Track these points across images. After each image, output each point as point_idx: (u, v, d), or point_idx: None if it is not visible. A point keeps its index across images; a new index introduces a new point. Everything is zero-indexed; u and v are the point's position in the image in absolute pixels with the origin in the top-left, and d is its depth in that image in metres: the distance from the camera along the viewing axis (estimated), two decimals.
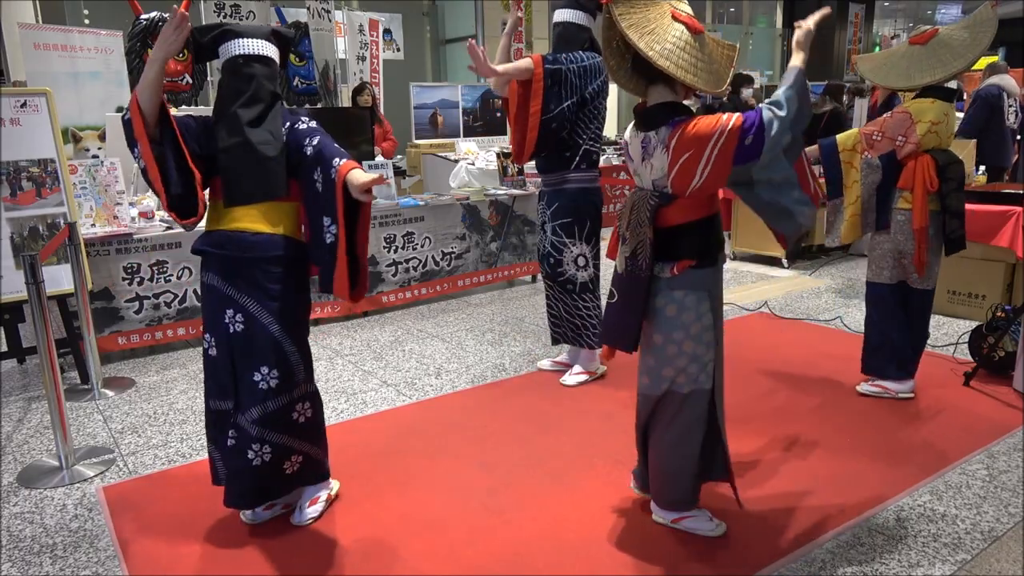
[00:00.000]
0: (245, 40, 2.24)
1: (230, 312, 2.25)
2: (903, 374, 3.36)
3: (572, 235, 3.54)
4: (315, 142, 2.27)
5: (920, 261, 3.13)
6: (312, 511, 2.47)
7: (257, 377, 2.26)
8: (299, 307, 2.36)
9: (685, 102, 2.18)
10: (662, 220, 2.13)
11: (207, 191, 2.32)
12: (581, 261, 3.57)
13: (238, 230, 2.25)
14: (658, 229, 2.14)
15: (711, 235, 2.20)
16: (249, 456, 2.29)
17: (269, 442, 2.30)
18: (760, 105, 2.05)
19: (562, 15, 3.48)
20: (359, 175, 2.15)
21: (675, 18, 2.07)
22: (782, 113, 2.00)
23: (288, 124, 2.32)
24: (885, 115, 3.13)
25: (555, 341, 3.83)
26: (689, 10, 2.13)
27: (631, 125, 2.27)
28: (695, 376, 2.21)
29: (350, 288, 2.30)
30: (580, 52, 3.40)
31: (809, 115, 2.08)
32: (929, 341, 4.14)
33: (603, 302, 3.70)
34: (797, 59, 2.10)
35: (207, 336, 2.32)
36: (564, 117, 3.35)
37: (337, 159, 2.22)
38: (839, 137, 3.20)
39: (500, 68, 3.24)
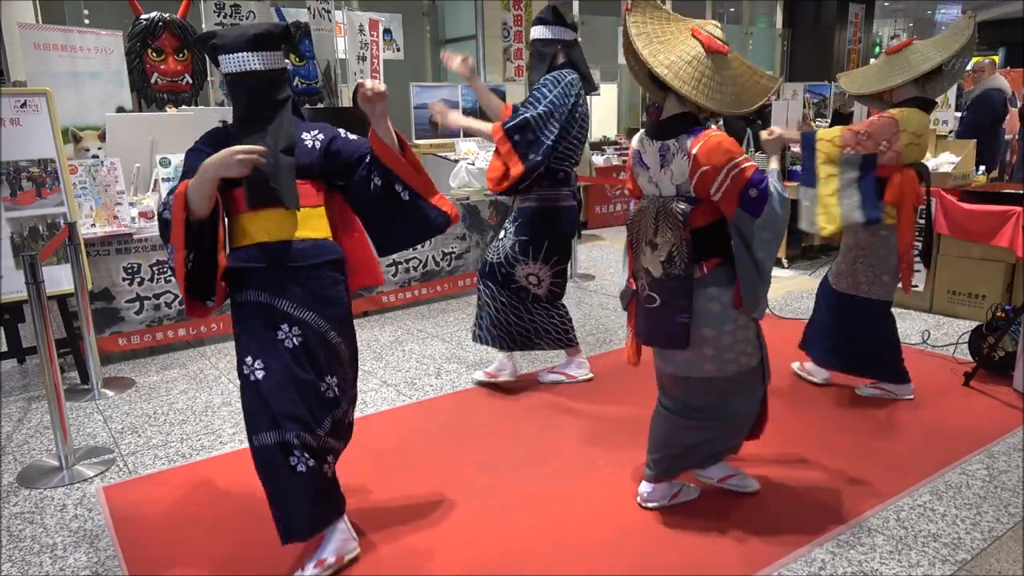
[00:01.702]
0: (228, 57, 2.08)
1: (285, 327, 2.10)
2: (904, 378, 3.37)
3: (526, 254, 3.45)
4: (359, 157, 2.23)
5: (907, 279, 3.21)
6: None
7: (323, 387, 2.15)
8: (349, 310, 2.26)
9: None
10: (691, 222, 2.23)
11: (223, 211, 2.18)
12: (533, 280, 3.49)
13: (283, 240, 2.11)
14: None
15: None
16: (325, 470, 2.16)
17: (334, 451, 2.21)
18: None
19: (532, 33, 3.47)
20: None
21: (694, 35, 2.16)
22: (780, 197, 2.15)
23: (317, 132, 2.23)
24: (873, 117, 3.12)
25: (502, 347, 3.62)
26: (719, 34, 2.18)
27: (640, 134, 2.34)
28: (757, 350, 2.37)
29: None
30: (547, 87, 3.30)
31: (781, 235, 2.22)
32: (929, 341, 4.15)
33: (567, 311, 3.64)
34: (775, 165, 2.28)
35: (250, 360, 2.10)
36: (550, 154, 3.28)
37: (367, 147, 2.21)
38: (820, 131, 3.17)
39: (460, 120, 3.38)
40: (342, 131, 2.28)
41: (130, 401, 3.63)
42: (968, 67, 3.61)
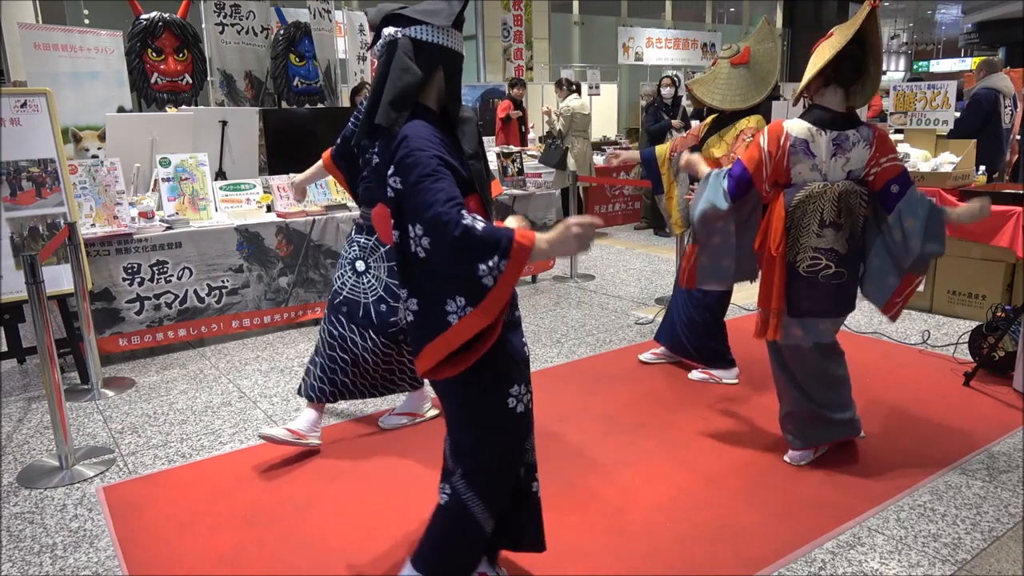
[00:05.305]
0: (451, 33, 1.74)
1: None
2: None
3: None
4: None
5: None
6: None
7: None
8: None
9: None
10: None
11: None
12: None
13: None
14: None
15: None
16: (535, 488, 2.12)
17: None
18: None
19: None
20: None
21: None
22: (926, 201, 2.50)
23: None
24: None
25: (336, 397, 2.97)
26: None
27: (805, 125, 2.54)
28: None
29: None
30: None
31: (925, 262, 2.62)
32: (929, 341, 4.15)
33: None
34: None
35: (516, 390, 1.89)
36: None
37: None
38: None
39: (298, 179, 3.17)
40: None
41: (130, 401, 3.63)
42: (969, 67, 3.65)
